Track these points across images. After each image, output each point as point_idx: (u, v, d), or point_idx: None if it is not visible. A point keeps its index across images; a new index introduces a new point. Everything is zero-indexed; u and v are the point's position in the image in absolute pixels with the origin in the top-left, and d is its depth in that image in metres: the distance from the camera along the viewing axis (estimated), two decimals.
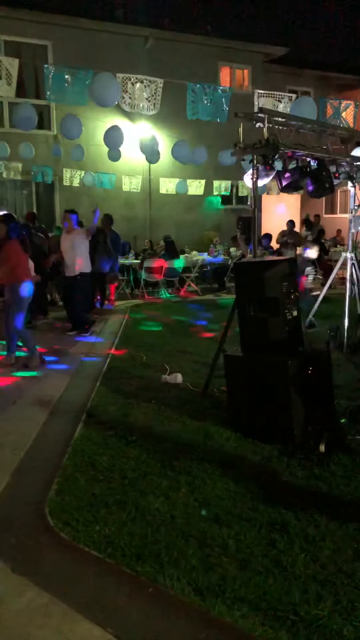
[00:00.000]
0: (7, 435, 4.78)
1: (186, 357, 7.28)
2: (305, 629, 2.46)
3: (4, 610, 2.63)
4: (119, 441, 4.56)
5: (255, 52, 18.32)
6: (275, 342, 4.53)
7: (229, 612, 2.57)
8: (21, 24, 14.73)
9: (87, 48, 14.96)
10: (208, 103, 7.92)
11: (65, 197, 15.93)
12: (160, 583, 2.77)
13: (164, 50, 16.32)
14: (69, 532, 3.24)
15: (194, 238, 16.98)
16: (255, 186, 5.54)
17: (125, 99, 7.51)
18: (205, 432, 4.68)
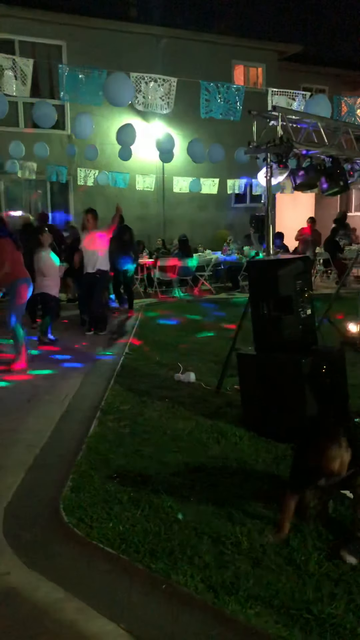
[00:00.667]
0: (22, 433, 4.82)
1: (199, 355, 7.28)
2: (318, 627, 2.46)
3: (19, 605, 2.66)
4: (132, 439, 4.59)
5: (270, 50, 18.23)
6: (289, 340, 4.52)
7: (242, 610, 2.57)
8: (35, 25, 14.80)
9: (101, 48, 15.00)
10: (221, 101, 7.89)
11: (80, 197, 16.00)
12: (174, 580, 2.79)
13: (178, 49, 16.31)
14: (83, 528, 3.27)
15: (207, 237, 16.97)
16: (269, 184, 5.53)
17: (139, 99, 7.52)
18: (218, 431, 4.68)
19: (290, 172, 5.83)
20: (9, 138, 13.21)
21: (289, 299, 4.50)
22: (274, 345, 4.60)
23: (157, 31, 16.37)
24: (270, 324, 4.60)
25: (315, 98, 8.21)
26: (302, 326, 4.58)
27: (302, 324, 4.59)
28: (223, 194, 16.18)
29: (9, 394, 5.91)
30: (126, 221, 11.34)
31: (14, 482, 3.89)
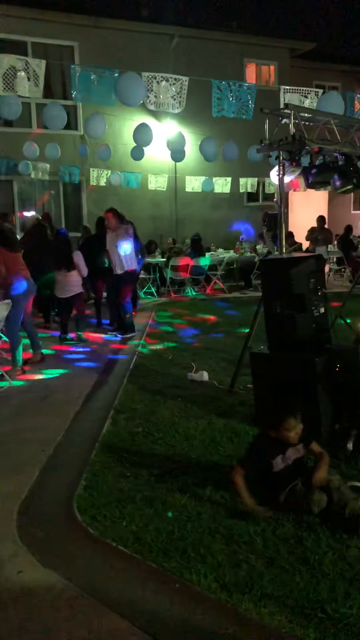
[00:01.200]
0: (36, 432, 4.85)
1: (212, 354, 7.27)
2: (333, 627, 2.44)
3: (33, 603, 2.68)
4: (145, 438, 4.60)
5: (282, 48, 18.14)
6: (302, 339, 4.49)
7: (255, 609, 2.57)
8: (47, 26, 14.86)
9: (113, 48, 15.03)
10: (233, 100, 7.88)
11: (92, 197, 16.05)
12: (187, 579, 2.79)
13: (190, 48, 16.29)
14: (97, 527, 3.28)
15: (220, 236, 16.94)
16: (281, 183, 5.50)
17: (151, 98, 7.53)
18: (231, 430, 4.68)
19: (302, 170, 5.80)
20: (23, 139, 13.29)
21: (302, 297, 4.48)
22: (287, 344, 4.57)
23: (168, 30, 16.36)
24: (283, 323, 4.58)
25: (328, 95, 8.16)
26: (316, 325, 4.56)
27: (316, 322, 4.56)
28: (235, 193, 16.14)
29: (23, 393, 5.95)
30: (139, 221, 11.36)
31: (28, 480, 3.92)
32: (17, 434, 4.83)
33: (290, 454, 3.49)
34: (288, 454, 3.47)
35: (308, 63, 19.21)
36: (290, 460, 3.48)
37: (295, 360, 4.45)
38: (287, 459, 3.47)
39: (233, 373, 5.77)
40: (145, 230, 14.30)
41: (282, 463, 3.47)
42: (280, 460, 3.46)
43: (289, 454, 3.48)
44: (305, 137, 5.46)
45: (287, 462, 3.47)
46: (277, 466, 3.45)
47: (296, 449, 3.51)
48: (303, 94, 8.85)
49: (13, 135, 14.22)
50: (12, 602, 2.69)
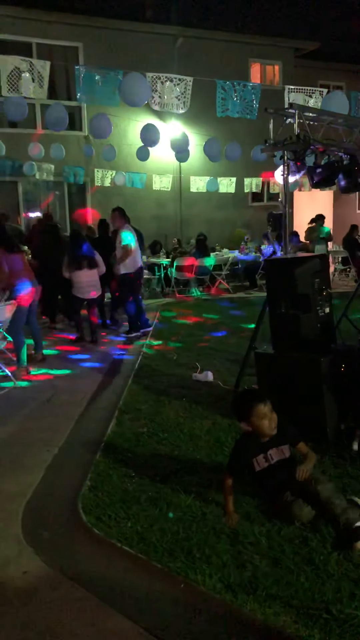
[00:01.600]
0: (41, 432, 4.86)
1: (217, 354, 7.27)
2: (338, 628, 2.44)
3: (38, 603, 2.68)
4: (150, 438, 4.60)
5: (286, 47, 18.12)
6: (307, 339, 4.49)
7: (260, 610, 2.56)
8: (52, 27, 14.89)
9: (118, 48, 15.05)
10: (238, 100, 7.88)
11: (97, 197, 16.07)
12: (192, 579, 2.79)
13: (194, 48, 16.29)
14: (102, 527, 3.28)
15: (225, 236, 16.93)
16: (286, 182, 5.50)
17: (155, 98, 7.53)
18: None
19: (307, 170, 5.79)
20: (27, 140, 13.32)
21: (306, 297, 4.47)
22: (292, 344, 4.57)
23: (172, 31, 16.36)
24: (288, 323, 4.57)
25: (332, 94, 8.14)
26: (321, 324, 4.55)
27: (321, 322, 4.55)
28: (240, 193, 16.14)
29: (29, 394, 5.96)
30: (143, 221, 11.39)
31: (33, 481, 3.93)
32: (22, 435, 4.84)
33: (273, 453, 3.43)
34: (270, 453, 3.42)
35: (312, 63, 19.17)
36: (274, 460, 3.42)
37: (300, 360, 4.44)
38: (270, 458, 3.42)
39: (238, 373, 5.77)
40: (150, 231, 14.31)
41: (265, 462, 3.42)
42: (263, 459, 3.42)
43: (272, 453, 3.43)
44: (310, 136, 5.46)
45: (270, 461, 3.42)
46: (258, 465, 3.43)
47: (280, 450, 3.45)
48: (307, 94, 8.84)
49: (18, 136, 14.25)
50: (17, 601, 2.70)
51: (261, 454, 3.42)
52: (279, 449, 3.45)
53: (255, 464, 3.43)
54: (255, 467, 3.44)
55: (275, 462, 3.43)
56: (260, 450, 3.43)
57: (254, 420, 3.37)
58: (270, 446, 3.43)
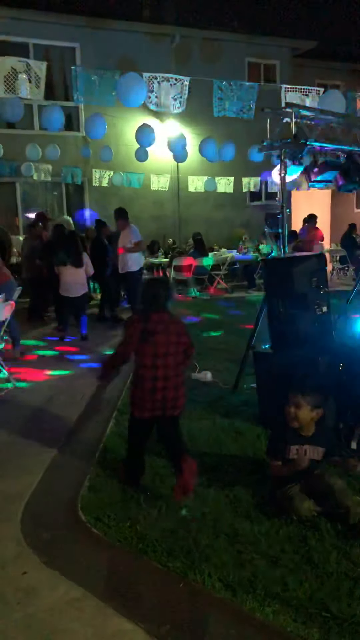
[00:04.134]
0: (40, 433, 4.86)
1: (216, 354, 7.26)
2: (337, 626, 2.44)
3: (38, 604, 2.68)
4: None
5: (283, 47, 18.12)
6: (305, 338, 4.49)
7: (260, 609, 2.57)
8: (49, 27, 14.87)
9: (115, 48, 15.04)
10: (235, 99, 7.88)
11: (95, 198, 16.06)
12: (191, 579, 2.79)
13: (191, 48, 16.28)
14: (101, 527, 3.29)
15: (223, 235, 16.93)
16: (283, 182, 5.50)
17: (152, 99, 7.53)
18: (235, 430, 4.67)
19: (305, 169, 5.79)
20: (25, 141, 13.31)
21: (304, 296, 4.47)
22: (290, 343, 4.57)
23: (169, 31, 16.35)
24: (287, 322, 4.58)
25: (329, 93, 8.14)
26: (319, 323, 4.55)
27: (319, 321, 4.56)
28: (238, 193, 16.13)
29: (28, 395, 5.96)
30: (141, 221, 11.37)
31: (33, 481, 3.93)
32: (21, 435, 4.83)
33: (309, 449, 3.44)
34: (305, 447, 3.44)
35: (310, 62, 19.18)
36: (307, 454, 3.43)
37: (299, 359, 4.43)
38: (303, 451, 3.43)
39: (237, 373, 5.77)
40: (148, 231, 14.29)
41: (297, 453, 3.43)
42: (295, 451, 3.45)
43: (307, 448, 3.44)
44: (307, 136, 5.46)
45: (301, 454, 3.42)
46: (292, 454, 3.44)
47: (315, 450, 3.45)
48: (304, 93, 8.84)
49: (15, 137, 14.24)
50: (17, 602, 2.70)
51: (297, 444, 3.45)
52: (315, 449, 3.46)
53: (291, 450, 3.45)
54: (291, 453, 3.45)
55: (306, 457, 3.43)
56: (296, 440, 3.45)
57: (291, 421, 3.42)
58: (307, 442, 3.45)
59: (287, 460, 3.46)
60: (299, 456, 3.42)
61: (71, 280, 8.24)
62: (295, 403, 3.40)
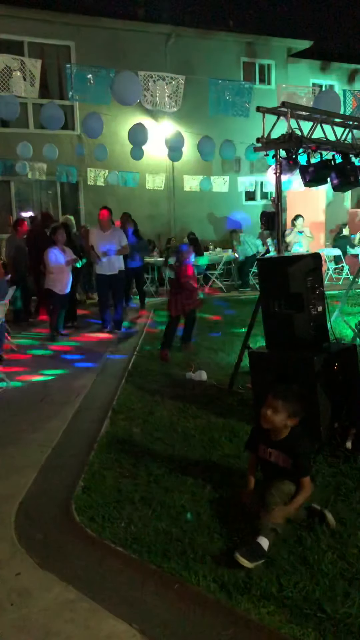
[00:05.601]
0: (34, 432, 4.84)
1: (211, 354, 7.26)
2: (333, 627, 2.43)
3: (32, 605, 2.66)
4: (144, 438, 4.58)
5: (279, 46, 18.15)
6: (300, 338, 4.48)
7: (255, 609, 2.55)
8: (44, 26, 14.84)
9: (110, 47, 15.01)
10: (230, 99, 7.87)
11: (90, 197, 16.03)
12: (186, 579, 2.77)
13: (187, 47, 16.29)
14: (95, 528, 3.27)
15: (218, 235, 16.94)
16: (278, 181, 5.49)
17: (147, 97, 7.51)
18: (230, 429, 4.66)
19: (300, 168, 5.79)
20: (19, 139, 13.27)
21: (299, 296, 4.46)
22: (285, 343, 4.56)
23: (165, 29, 16.35)
24: (282, 322, 4.57)
25: (325, 93, 8.16)
26: (314, 323, 4.54)
27: (314, 321, 4.55)
28: (233, 192, 16.14)
29: (22, 394, 5.94)
30: (137, 220, 11.36)
31: (27, 482, 3.91)
32: (15, 435, 4.81)
33: (274, 454, 3.29)
34: (271, 451, 3.30)
35: (305, 61, 19.20)
36: (271, 458, 3.30)
37: (294, 359, 4.43)
38: (269, 455, 3.31)
39: (232, 372, 5.76)
40: (144, 230, 14.28)
41: (264, 454, 3.34)
42: (263, 450, 3.35)
43: (272, 452, 3.29)
44: (302, 135, 5.45)
45: (268, 457, 3.32)
46: (261, 452, 3.37)
47: (280, 456, 3.26)
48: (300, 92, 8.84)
49: (10, 135, 14.20)
50: (10, 604, 2.68)
51: (264, 445, 3.35)
52: (281, 455, 3.27)
53: (260, 448, 3.38)
54: (260, 451, 3.39)
55: (272, 461, 3.32)
56: (265, 441, 3.34)
57: (264, 406, 3.28)
58: (274, 446, 3.30)
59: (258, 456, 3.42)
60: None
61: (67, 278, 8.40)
62: (274, 407, 3.24)
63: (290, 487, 3.18)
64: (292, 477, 3.22)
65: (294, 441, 3.26)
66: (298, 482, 3.20)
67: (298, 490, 3.18)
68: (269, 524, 2.97)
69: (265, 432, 3.34)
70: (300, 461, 3.22)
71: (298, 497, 3.16)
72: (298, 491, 3.17)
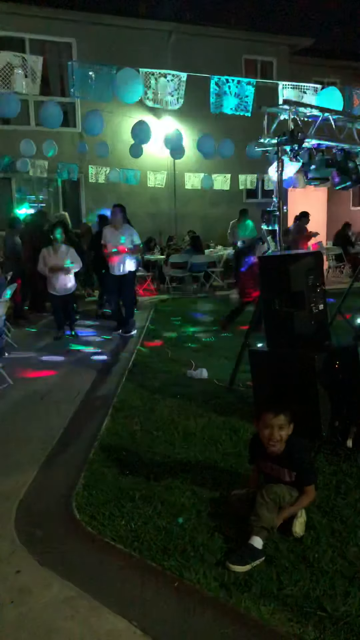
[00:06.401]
0: (35, 430, 4.84)
1: (212, 352, 7.26)
2: (332, 625, 2.43)
3: (32, 603, 2.66)
4: (144, 436, 4.58)
5: (280, 44, 18.10)
6: (301, 336, 4.47)
7: (255, 608, 2.55)
8: (46, 22, 14.81)
9: (111, 44, 14.98)
10: (232, 96, 7.84)
11: (91, 194, 16.01)
12: (186, 578, 2.77)
13: (188, 45, 16.24)
14: (96, 526, 3.27)
15: (219, 233, 16.91)
16: (280, 179, 5.48)
17: (149, 94, 7.48)
18: (231, 427, 4.66)
19: (301, 166, 5.77)
20: (20, 136, 13.25)
21: (300, 294, 4.45)
22: (286, 341, 4.55)
23: (166, 27, 16.30)
24: (282, 320, 4.56)
25: (327, 90, 8.11)
26: (315, 322, 4.53)
27: (315, 319, 4.54)
28: (235, 190, 16.11)
29: (23, 392, 5.93)
30: (138, 218, 11.35)
31: (27, 479, 3.91)
32: (15, 433, 4.81)
33: (276, 469, 3.23)
34: (271, 465, 3.26)
35: (307, 59, 19.16)
36: (272, 472, 3.26)
37: (295, 357, 4.42)
38: (269, 468, 3.27)
39: (232, 370, 5.76)
40: (144, 228, 14.27)
41: (265, 468, 3.31)
42: (263, 465, 3.32)
43: (272, 466, 3.25)
44: (304, 133, 5.44)
45: (269, 471, 3.28)
46: (263, 467, 3.34)
47: (280, 470, 3.22)
48: (302, 90, 8.80)
49: (11, 132, 14.18)
50: (10, 601, 2.68)
51: (264, 459, 3.31)
52: (281, 470, 3.22)
53: (260, 463, 3.35)
54: (261, 466, 3.35)
55: (273, 475, 3.28)
56: (264, 457, 3.30)
57: (260, 424, 3.22)
58: (274, 461, 3.25)
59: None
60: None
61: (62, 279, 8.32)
62: (280, 425, 3.16)
63: (282, 489, 3.15)
64: (296, 486, 3.20)
65: (294, 454, 3.22)
66: (302, 490, 3.19)
67: (302, 495, 3.18)
68: (259, 523, 2.97)
69: (262, 449, 3.28)
70: (305, 472, 3.20)
71: (302, 500, 3.16)
72: (302, 495, 3.17)
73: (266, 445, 3.21)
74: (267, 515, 3.01)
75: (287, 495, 3.13)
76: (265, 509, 3.02)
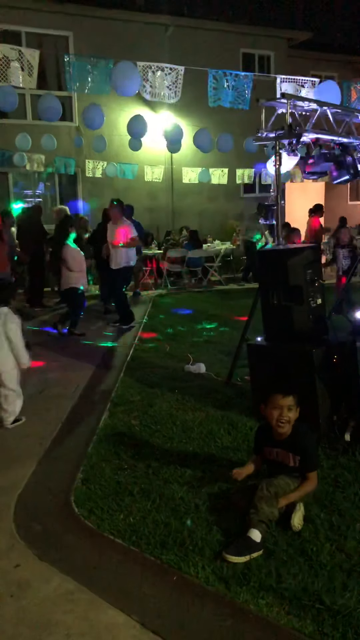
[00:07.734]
0: (33, 425, 4.84)
1: (210, 346, 7.26)
2: (331, 618, 2.44)
3: (31, 597, 2.67)
4: (143, 430, 4.58)
5: (278, 38, 18.02)
6: (299, 330, 4.48)
7: (253, 601, 2.56)
8: (42, 15, 14.71)
9: (108, 37, 14.90)
10: (229, 90, 7.82)
11: (88, 188, 15.96)
12: (185, 571, 2.78)
13: (185, 38, 16.16)
14: (94, 520, 3.27)
15: (216, 227, 16.89)
16: (277, 173, 5.47)
17: (146, 88, 7.45)
18: (229, 422, 4.67)
19: (299, 160, 5.76)
20: (17, 130, 13.19)
21: (299, 288, 4.45)
22: (284, 336, 4.56)
23: (164, 20, 16.22)
24: (281, 314, 4.56)
25: (325, 84, 8.09)
26: (313, 316, 4.54)
27: (313, 313, 4.54)
28: (232, 184, 16.07)
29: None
30: (135, 212, 11.31)
31: (26, 473, 3.91)
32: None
33: (280, 453, 3.31)
34: (277, 451, 3.33)
35: (305, 53, 19.10)
36: (278, 458, 3.33)
37: (293, 352, 4.43)
38: (275, 455, 3.35)
39: (230, 365, 5.76)
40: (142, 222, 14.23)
41: (270, 455, 3.38)
42: (269, 452, 3.38)
43: (278, 452, 3.32)
44: (302, 127, 5.42)
45: (275, 457, 3.35)
46: (269, 455, 3.40)
47: (287, 454, 3.29)
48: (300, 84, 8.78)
49: (7, 126, 14.11)
50: (9, 595, 2.68)
51: (270, 446, 3.38)
52: (286, 454, 3.31)
53: (265, 451, 3.42)
54: (265, 453, 3.42)
55: (279, 460, 3.34)
56: (269, 442, 3.38)
57: (269, 406, 3.28)
58: (280, 445, 3.33)
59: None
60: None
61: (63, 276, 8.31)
62: (289, 405, 3.26)
63: (285, 480, 3.21)
64: (299, 472, 3.27)
65: (300, 438, 3.31)
66: (304, 477, 3.26)
67: (304, 481, 3.25)
68: (257, 516, 2.99)
69: (268, 434, 3.37)
70: (309, 457, 3.28)
71: (305, 486, 3.24)
72: (305, 482, 3.25)
73: (275, 426, 3.29)
74: (266, 509, 3.02)
75: (287, 488, 3.18)
76: (264, 503, 3.04)
